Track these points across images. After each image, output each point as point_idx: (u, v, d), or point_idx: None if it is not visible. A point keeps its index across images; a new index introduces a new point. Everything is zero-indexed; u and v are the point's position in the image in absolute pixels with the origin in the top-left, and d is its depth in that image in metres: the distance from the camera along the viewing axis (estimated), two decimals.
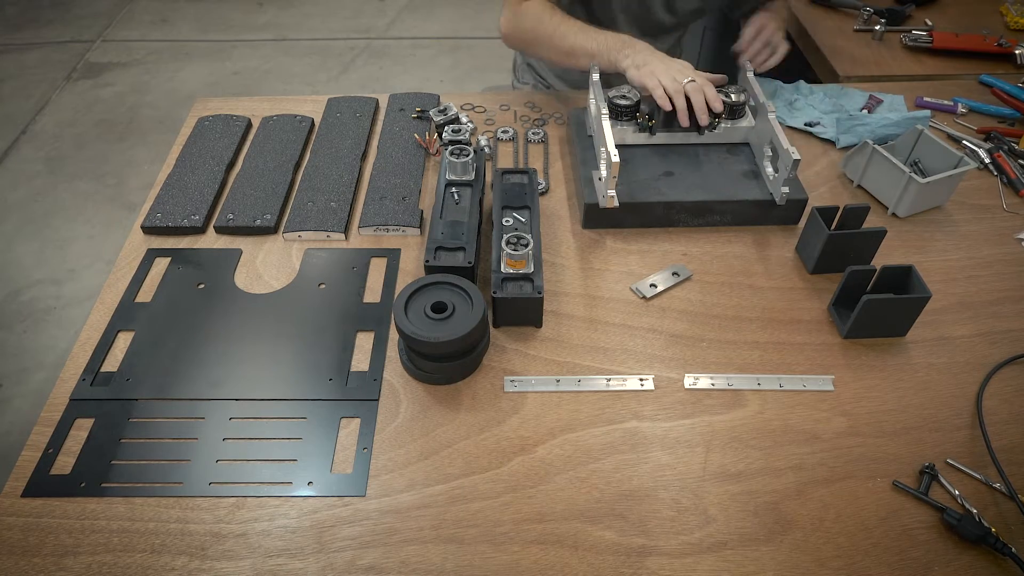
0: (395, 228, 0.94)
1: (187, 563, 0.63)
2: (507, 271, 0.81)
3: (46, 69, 2.95)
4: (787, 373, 0.78)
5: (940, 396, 0.76)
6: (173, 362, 0.79)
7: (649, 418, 0.74)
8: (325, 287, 0.87)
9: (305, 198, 0.97)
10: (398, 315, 0.73)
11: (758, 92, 0.98)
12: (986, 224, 0.97)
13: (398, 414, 0.74)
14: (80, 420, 0.74)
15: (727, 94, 0.99)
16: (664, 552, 0.64)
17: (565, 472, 0.70)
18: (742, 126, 1.00)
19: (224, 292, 0.87)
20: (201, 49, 3.11)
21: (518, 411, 0.75)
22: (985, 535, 0.63)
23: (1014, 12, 1.41)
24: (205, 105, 1.17)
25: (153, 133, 2.62)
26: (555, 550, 0.64)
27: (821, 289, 0.87)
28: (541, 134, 1.10)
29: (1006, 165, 1.04)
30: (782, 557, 0.64)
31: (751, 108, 1.01)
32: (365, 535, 0.65)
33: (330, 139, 1.08)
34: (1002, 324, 0.83)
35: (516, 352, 0.80)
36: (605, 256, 0.92)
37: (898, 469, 0.70)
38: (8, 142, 2.57)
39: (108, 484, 0.68)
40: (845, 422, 0.74)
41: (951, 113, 1.16)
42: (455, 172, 0.92)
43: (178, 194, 0.98)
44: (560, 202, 1.00)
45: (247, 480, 0.69)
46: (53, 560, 0.63)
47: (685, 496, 0.68)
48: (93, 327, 0.83)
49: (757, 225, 0.96)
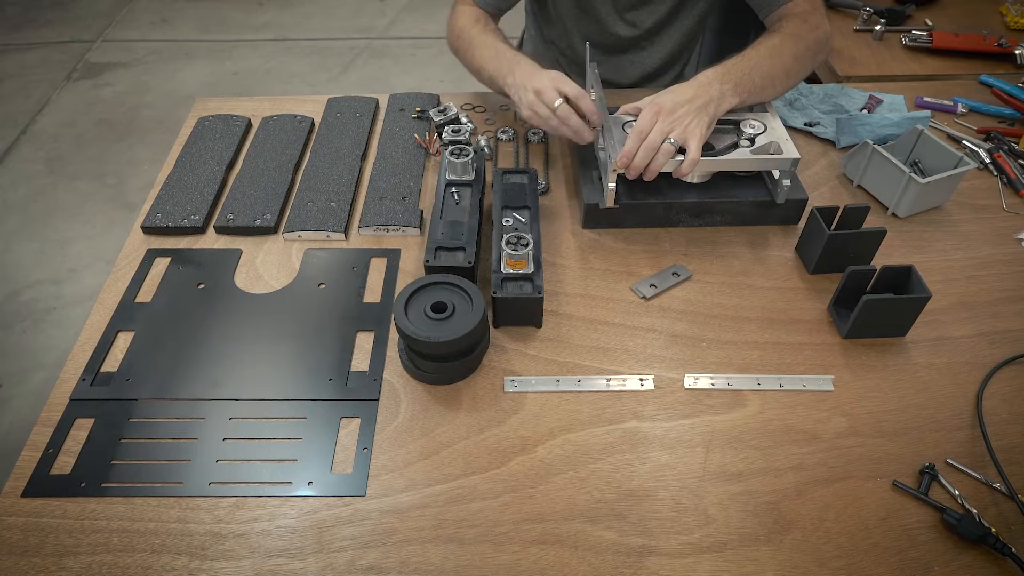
0: (395, 228, 0.94)
1: (187, 563, 0.63)
2: (507, 271, 0.81)
3: (46, 69, 2.95)
4: (787, 373, 0.78)
5: (940, 396, 0.76)
6: (173, 362, 0.79)
7: (649, 418, 0.74)
8: (325, 287, 0.87)
9: (305, 198, 0.97)
10: (398, 315, 0.73)
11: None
12: (986, 224, 0.97)
13: (398, 414, 0.74)
14: (80, 420, 0.74)
15: (739, 126, 0.93)
16: (664, 552, 0.64)
17: (565, 472, 0.70)
18: (756, 158, 0.90)
19: (224, 292, 0.87)
20: (201, 49, 3.11)
21: (518, 411, 0.75)
22: (985, 535, 0.63)
23: (1014, 12, 1.41)
24: (205, 105, 1.17)
25: (153, 133, 2.62)
26: (555, 550, 0.64)
27: (821, 289, 0.87)
28: (541, 134, 1.10)
29: (1006, 165, 1.04)
30: (782, 557, 0.64)
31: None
32: (365, 535, 0.65)
33: (330, 139, 1.08)
34: (1002, 324, 0.83)
35: (516, 352, 0.80)
36: (605, 256, 0.92)
37: (898, 469, 0.70)
38: (8, 142, 2.57)
39: (108, 484, 0.68)
40: (845, 422, 0.74)
41: (951, 113, 1.16)
42: (455, 172, 0.92)
43: (178, 194, 0.98)
44: (560, 202, 1.00)
45: (247, 480, 0.69)
46: (53, 560, 0.63)
47: (685, 496, 0.68)
48: (93, 327, 0.83)
49: (757, 225, 0.96)
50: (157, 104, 2.77)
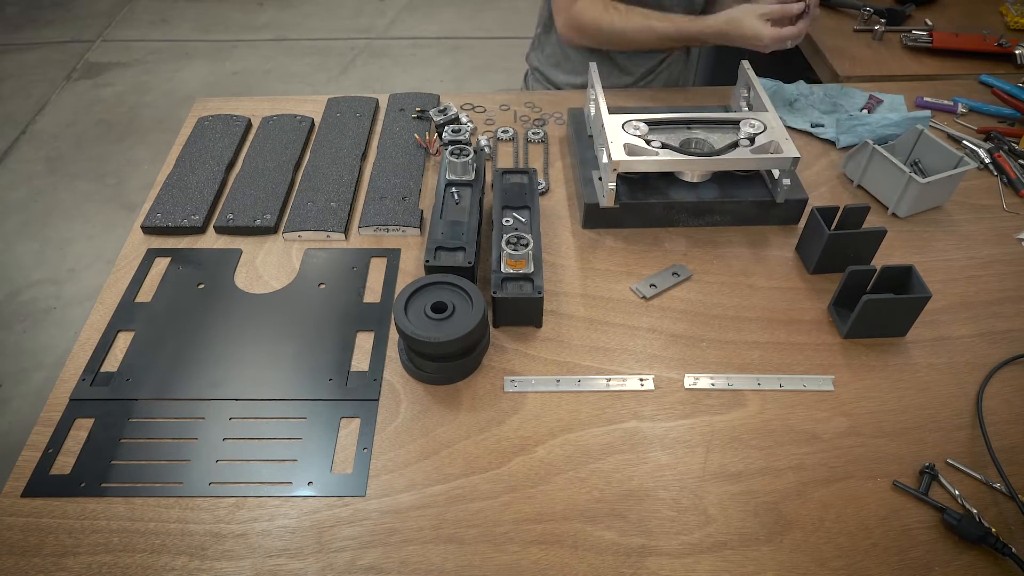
0: (395, 228, 0.94)
1: (187, 563, 0.63)
2: (507, 271, 0.81)
3: (46, 69, 2.95)
4: (787, 373, 0.78)
5: (940, 396, 0.76)
6: (173, 362, 0.79)
7: (649, 418, 0.74)
8: (325, 287, 0.87)
9: (305, 198, 0.97)
10: (398, 315, 0.73)
11: (760, 90, 0.98)
12: (986, 224, 0.97)
13: (398, 414, 0.74)
14: (80, 420, 0.74)
15: (739, 125, 0.93)
16: (664, 552, 0.64)
17: (565, 472, 0.70)
18: (755, 157, 0.90)
19: (224, 292, 0.87)
20: (201, 49, 3.11)
21: (518, 411, 0.75)
22: (985, 535, 0.63)
23: (1014, 12, 1.41)
24: (205, 105, 1.17)
25: (153, 133, 2.62)
26: (555, 550, 0.64)
27: (821, 289, 0.87)
28: (541, 134, 1.10)
29: (1006, 165, 1.04)
30: (782, 557, 0.64)
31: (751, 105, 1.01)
32: (365, 535, 0.65)
33: (330, 139, 1.08)
34: (1002, 324, 0.83)
35: (516, 352, 0.80)
36: (605, 256, 0.92)
37: (898, 469, 0.70)
38: (8, 142, 2.57)
39: (108, 484, 0.68)
40: (845, 422, 0.74)
41: (951, 113, 1.16)
42: (455, 172, 0.92)
43: (178, 194, 0.98)
44: (560, 202, 1.00)
45: (247, 480, 0.69)
46: (53, 560, 0.63)
47: (685, 496, 0.68)
48: (93, 327, 0.83)
49: (757, 225, 0.96)
50: (157, 104, 2.77)
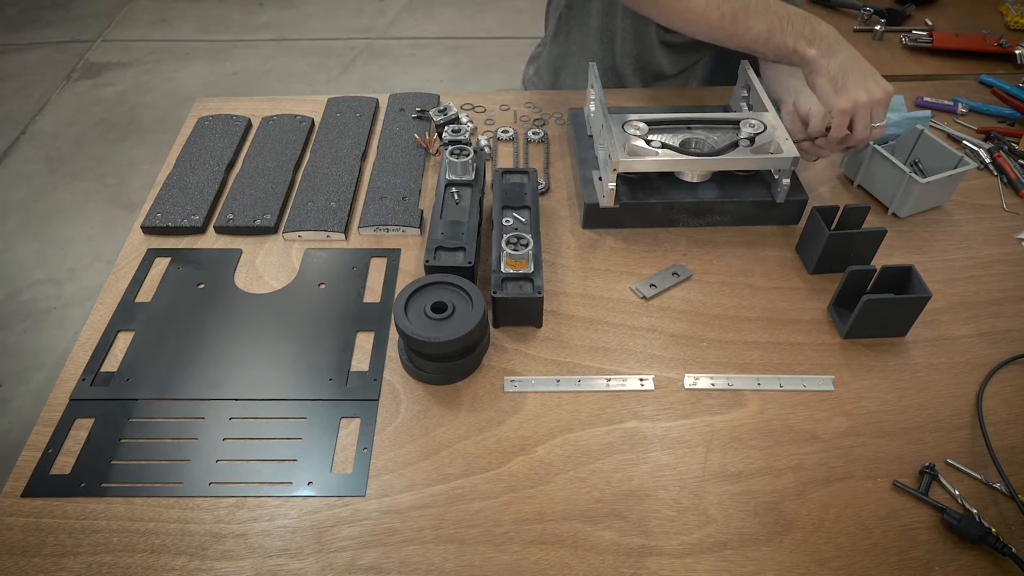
0: (395, 228, 0.94)
1: (187, 563, 0.63)
2: (507, 271, 0.81)
3: (46, 69, 2.95)
4: (787, 373, 0.78)
5: (940, 396, 0.76)
6: (173, 362, 0.79)
7: (649, 418, 0.74)
8: (325, 287, 0.87)
9: (305, 198, 0.97)
10: (398, 315, 0.73)
11: (760, 90, 0.98)
12: (986, 224, 0.97)
13: (398, 414, 0.75)
14: (80, 420, 0.74)
15: (739, 126, 0.92)
16: (664, 552, 0.64)
17: (565, 472, 0.70)
18: (755, 157, 0.90)
19: (224, 292, 0.87)
20: (201, 49, 3.11)
21: (518, 411, 0.75)
22: (985, 535, 0.63)
23: (1014, 12, 1.41)
24: (205, 105, 1.17)
25: (153, 133, 2.62)
26: (555, 550, 0.64)
27: (821, 289, 0.87)
28: (541, 134, 1.10)
29: (1006, 165, 1.04)
30: (782, 557, 0.64)
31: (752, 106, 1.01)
32: (365, 535, 0.65)
33: (330, 139, 1.08)
34: (1002, 324, 0.83)
35: (516, 352, 0.80)
36: (605, 256, 0.92)
37: (898, 469, 0.70)
38: (8, 142, 2.57)
39: (108, 484, 0.68)
40: (845, 422, 0.74)
41: (951, 113, 1.16)
42: (455, 172, 0.92)
43: (178, 194, 0.98)
44: (560, 202, 1.00)
45: (247, 480, 0.69)
46: (53, 560, 0.63)
47: (685, 496, 0.68)
48: (93, 327, 0.83)
49: (757, 225, 0.96)
50: (157, 104, 2.77)
